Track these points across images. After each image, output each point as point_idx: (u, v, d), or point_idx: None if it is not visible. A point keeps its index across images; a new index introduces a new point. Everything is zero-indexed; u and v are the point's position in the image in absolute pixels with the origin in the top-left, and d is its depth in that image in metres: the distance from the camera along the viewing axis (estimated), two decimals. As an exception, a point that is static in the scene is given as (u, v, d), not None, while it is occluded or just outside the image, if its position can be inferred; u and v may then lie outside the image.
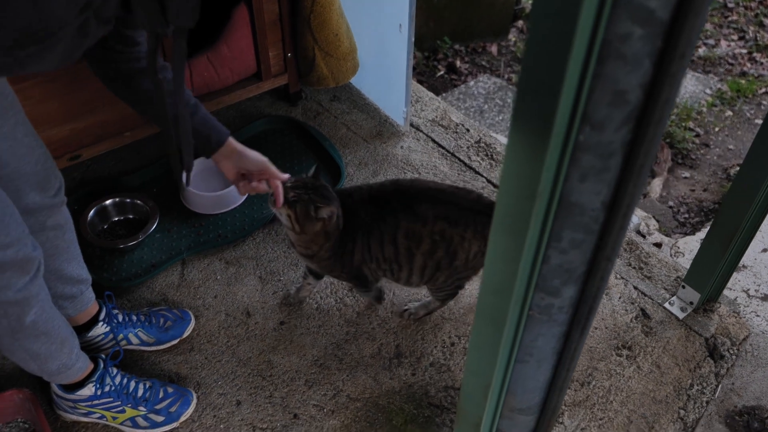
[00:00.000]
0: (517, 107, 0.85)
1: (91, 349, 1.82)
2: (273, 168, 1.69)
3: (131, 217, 2.38)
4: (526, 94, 0.83)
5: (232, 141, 1.64)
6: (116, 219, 2.37)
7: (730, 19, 5.04)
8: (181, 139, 1.49)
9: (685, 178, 3.61)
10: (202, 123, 1.59)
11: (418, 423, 1.82)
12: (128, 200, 2.36)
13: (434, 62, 4.55)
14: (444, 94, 4.26)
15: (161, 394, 1.82)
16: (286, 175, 1.73)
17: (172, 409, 1.81)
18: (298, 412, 1.84)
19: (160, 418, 1.80)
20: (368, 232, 1.78)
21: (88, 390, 1.74)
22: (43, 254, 1.63)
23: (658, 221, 3.18)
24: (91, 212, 2.27)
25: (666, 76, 0.80)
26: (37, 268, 1.46)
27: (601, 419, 1.83)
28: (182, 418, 1.82)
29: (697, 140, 3.85)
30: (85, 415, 1.79)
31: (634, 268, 2.22)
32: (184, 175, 1.61)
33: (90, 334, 1.87)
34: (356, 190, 1.83)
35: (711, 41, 4.77)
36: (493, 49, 4.70)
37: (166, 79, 1.51)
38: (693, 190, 3.51)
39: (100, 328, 1.88)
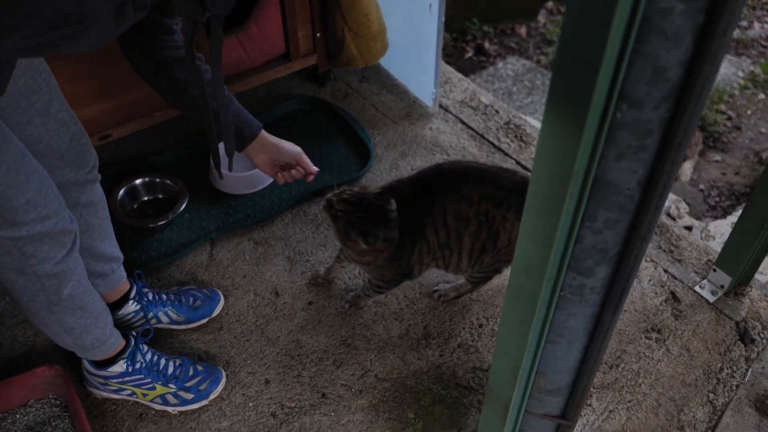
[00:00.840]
0: (554, 85, 0.84)
1: (122, 327, 1.84)
2: (306, 159, 1.70)
3: (161, 197, 2.40)
4: (563, 72, 0.82)
5: (264, 134, 1.65)
6: (146, 199, 2.39)
7: (764, 0, 4.95)
8: (222, 127, 1.50)
9: (716, 161, 3.56)
10: (235, 116, 1.60)
11: (445, 403, 1.83)
12: (158, 180, 2.38)
13: (462, 44, 4.52)
14: (472, 76, 4.23)
15: (191, 372, 1.84)
16: (316, 169, 1.73)
17: (202, 387, 1.83)
18: (326, 392, 1.86)
19: (189, 396, 1.82)
20: (422, 225, 1.76)
21: (120, 366, 1.76)
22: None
23: (688, 204, 3.15)
24: (121, 192, 2.30)
25: (707, 54, 0.79)
26: (73, 242, 1.48)
27: (629, 402, 1.83)
28: (212, 396, 1.84)
29: (728, 123, 3.80)
30: (116, 392, 1.81)
31: (665, 251, 2.20)
32: (226, 162, 1.62)
33: (120, 312, 1.89)
34: (397, 185, 1.78)
35: (744, 23, 4.69)
36: (522, 30, 4.66)
37: (201, 68, 1.52)
38: (724, 174, 3.47)
39: (131, 306, 1.91)
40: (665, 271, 2.14)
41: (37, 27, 1.02)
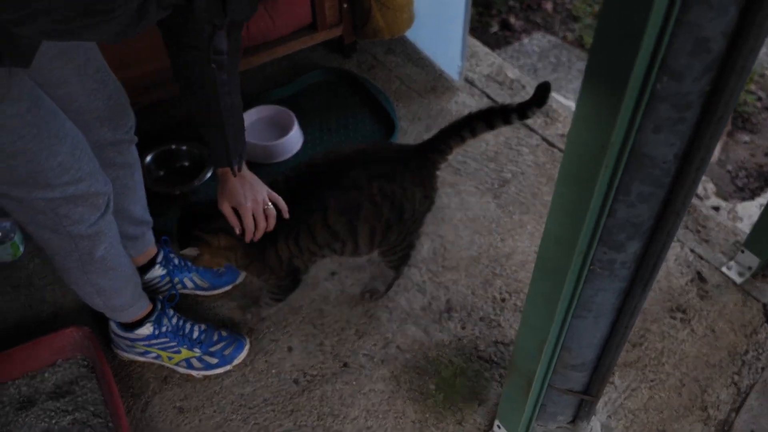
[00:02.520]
0: (594, 54, 0.83)
1: (148, 291, 1.85)
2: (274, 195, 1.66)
3: (186, 164, 2.41)
4: (604, 41, 0.81)
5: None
6: (172, 166, 2.40)
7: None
8: (235, 128, 1.51)
9: (745, 142, 3.51)
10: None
11: (467, 376, 1.83)
12: (184, 148, 2.39)
13: (488, 18, 4.47)
14: (497, 51, 4.19)
15: (215, 338, 1.85)
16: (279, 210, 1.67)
17: (226, 352, 1.84)
18: (348, 361, 1.87)
19: (214, 360, 1.84)
20: (291, 228, 1.69)
21: (146, 329, 1.78)
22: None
23: (716, 185, 3.11)
24: (148, 159, 2.31)
25: (752, 25, 0.77)
26: (107, 204, 1.49)
27: (652, 380, 1.82)
28: (235, 362, 1.86)
29: (758, 104, 3.73)
30: (142, 354, 1.84)
31: (692, 230, 2.18)
32: (235, 162, 1.59)
33: (147, 276, 1.91)
34: (273, 184, 1.70)
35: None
36: (548, 6, 4.60)
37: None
38: (753, 155, 3.42)
39: (157, 271, 1.92)
40: (692, 251, 2.12)
41: (64, 13, 1.02)
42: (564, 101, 2.97)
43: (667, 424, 1.74)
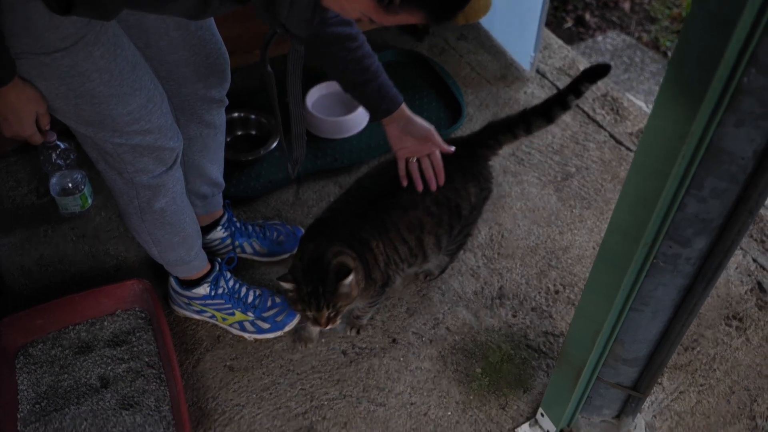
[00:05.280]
0: (682, 41, 0.82)
1: (208, 252, 1.90)
2: (437, 137, 1.67)
3: (253, 133, 2.45)
4: (694, 30, 0.81)
5: (402, 109, 1.64)
6: (239, 133, 2.44)
7: None
8: (294, 135, 1.53)
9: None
10: (375, 93, 1.61)
11: (514, 363, 1.84)
12: (253, 116, 2.43)
13: (563, 13, 4.42)
14: (570, 47, 4.14)
15: (269, 303, 1.89)
16: (452, 148, 1.69)
17: (279, 319, 1.88)
18: (397, 337, 1.89)
19: (266, 326, 1.87)
20: (384, 232, 1.67)
21: (203, 289, 1.83)
22: (190, 149, 1.72)
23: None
24: (217, 124, 2.36)
25: None
26: (174, 160, 1.53)
27: (701, 385, 1.80)
28: (287, 328, 1.89)
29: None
30: (198, 312, 1.89)
31: (756, 240, 2.14)
32: (290, 166, 1.63)
33: (209, 237, 1.96)
34: (337, 212, 1.71)
35: None
36: (626, 5, 4.52)
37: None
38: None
39: (219, 233, 1.97)
40: (754, 260, 2.08)
41: None
42: (636, 101, 2.93)
43: (712, 429, 1.72)
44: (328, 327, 1.61)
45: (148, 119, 1.40)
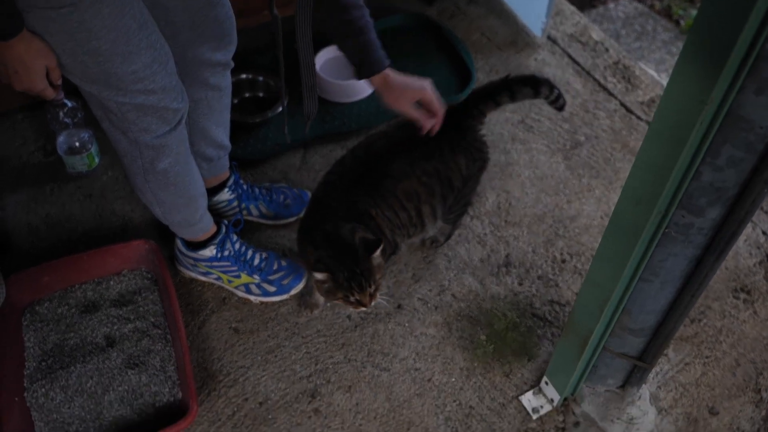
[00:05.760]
0: (705, 5, 0.80)
1: (214, 214, 1.89)
2: (430, 95, 1.63)
3: (261, 95, 2.43)
4: (718, -8, 0.78)
5: (387, 74, 1.60)
6: (247, 95, 2.42)
7: None
8: (306, 88, 1.53)
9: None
10: (361, 48, 1.58)
11: (519, 331, 1.83)
12: (260, 78, 2.41)
13: (575, -21, 4.36)
14: (582, 13, 4.08)
15: (275, 266, 1.89)
16: (440, 110, 1.65)
17: (285, 282, 1.88)
18: (402, 303, 1.89)
19: (272, 288, 1.87)
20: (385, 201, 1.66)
21: (209, 251, 1.83)
22: (195, 111, 1.71)
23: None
24: (225, 85, 2.33)
25: None
26: (178, 121, 1.51)
27: (707, 357, 1.80)
28: (292, 292, 1.89)
29: None
30: (204, 274, 1.88)
31: (766, 212, 2.12)
32: (287, 129, 1.62)
33: (216, 199, 1.95)
34: (330, 185, 1.71)
35: None
36: (640, -29, 4.45)
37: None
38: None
39: (226, 194, 1.96)
40: (763, 233, 2.07)
41: None
42: (648, 69, 2.89)
43: (717, 401, 1.72)
44: (372, 303, 1.59)
45: (153, 79, 1.38)
